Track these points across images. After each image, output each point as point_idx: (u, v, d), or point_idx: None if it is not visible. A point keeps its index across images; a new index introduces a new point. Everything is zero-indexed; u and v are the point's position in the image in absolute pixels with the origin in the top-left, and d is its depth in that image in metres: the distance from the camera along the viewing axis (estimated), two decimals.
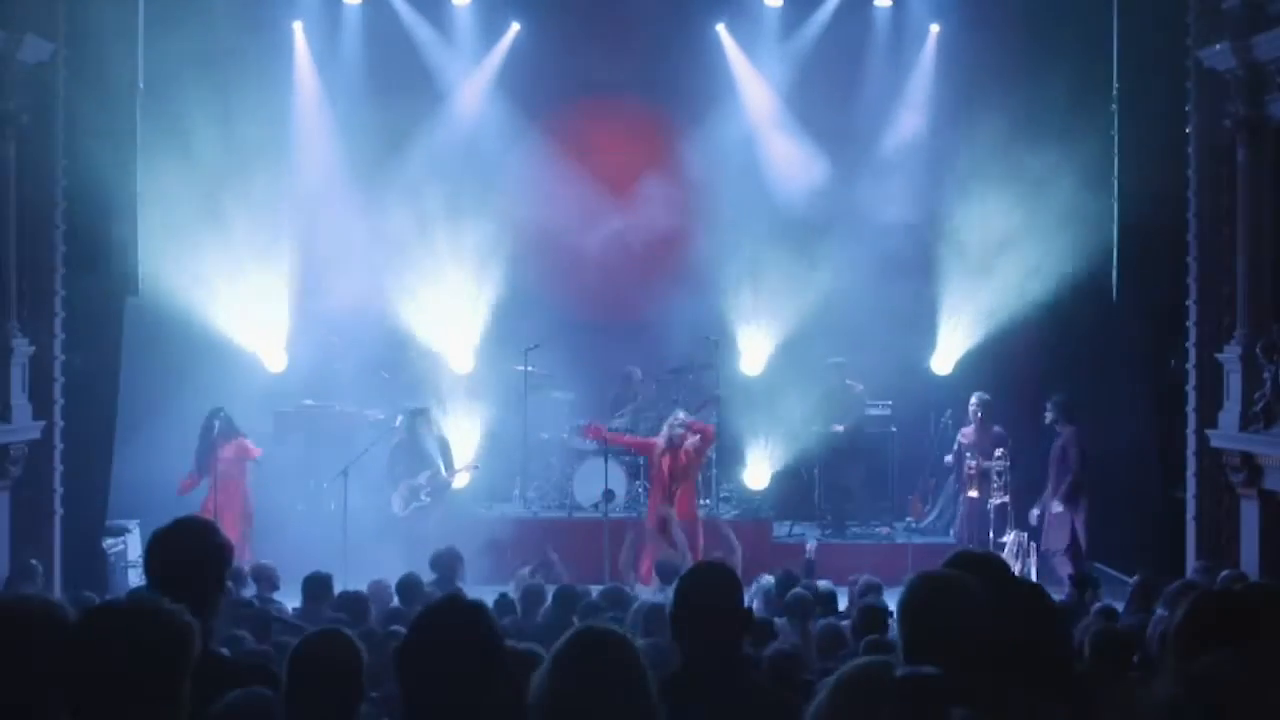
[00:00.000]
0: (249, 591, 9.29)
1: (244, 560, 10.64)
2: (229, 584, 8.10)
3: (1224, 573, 9.20)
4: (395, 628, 6.69)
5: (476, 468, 13.58)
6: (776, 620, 7.92)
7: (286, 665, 3.77)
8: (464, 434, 13.95)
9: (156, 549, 3.83)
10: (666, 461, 12.33)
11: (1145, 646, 6.61)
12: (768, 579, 9.46)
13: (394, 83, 14.65)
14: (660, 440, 12.46)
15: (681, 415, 12.56)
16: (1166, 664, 3.69)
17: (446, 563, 9.67)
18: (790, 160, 14.89)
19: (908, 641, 3.36)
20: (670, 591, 3.98)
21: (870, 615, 7.04)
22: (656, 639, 6.10)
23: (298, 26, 14.71)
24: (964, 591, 3.40)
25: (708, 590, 3.89)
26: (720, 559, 10.87)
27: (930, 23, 14.91)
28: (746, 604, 4.28)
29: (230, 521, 11.93)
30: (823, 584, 9.29)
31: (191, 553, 3.77)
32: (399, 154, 14.56)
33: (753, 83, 15.15)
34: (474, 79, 15.12)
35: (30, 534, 11.19)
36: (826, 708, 2.97)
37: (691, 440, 12.36)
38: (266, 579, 9.37)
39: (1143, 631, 7.17)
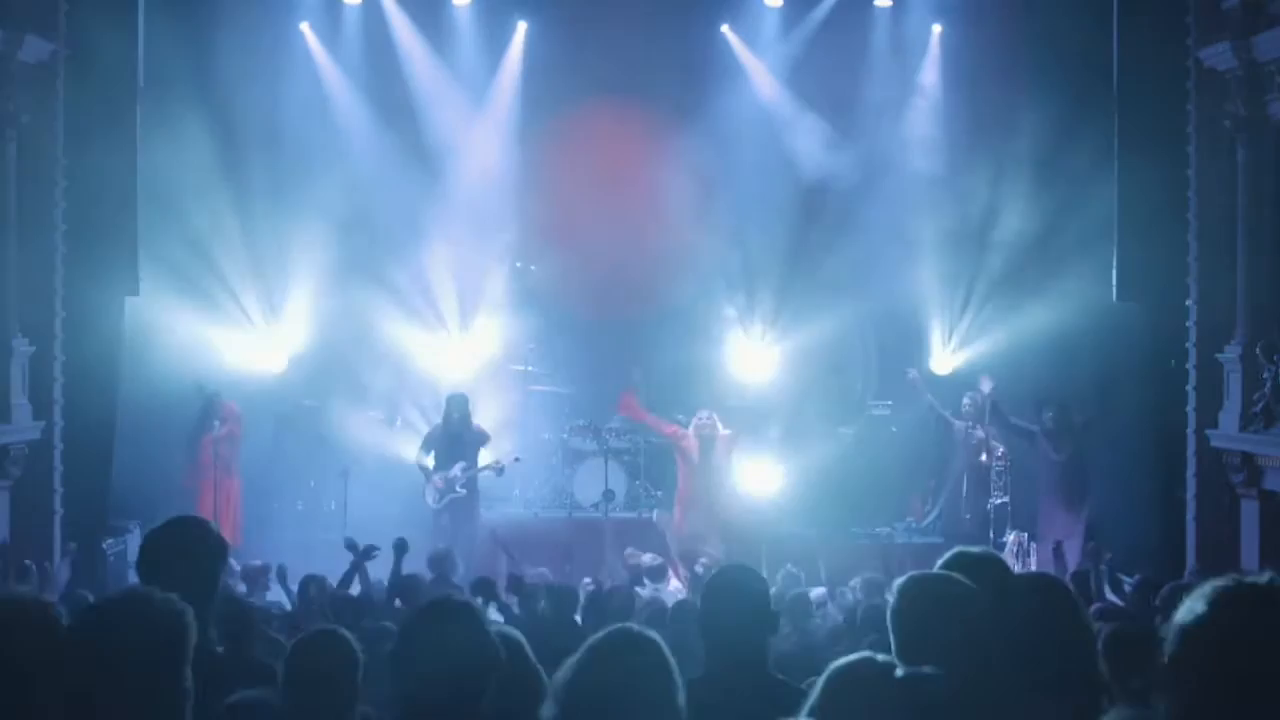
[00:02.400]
0: (240, 590, 9.26)
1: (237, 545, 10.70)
2: (227, 581, 8.15)
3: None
4: (387, 624, 6.68)
5: (518, 459, 13.19)
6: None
7: (283, 665, 3.76)
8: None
9: (150, 549, 3.81)
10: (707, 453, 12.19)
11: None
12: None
13: (394, 83, 14.64)
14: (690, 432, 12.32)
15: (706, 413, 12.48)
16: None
17: (442, 562, 9.66)
18: (792, 162, 14.88)
19: (901, 644, 3.36)
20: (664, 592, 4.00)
21: (872, 616, 7.04)
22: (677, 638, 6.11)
23: (305, 27, 14.68)
24: (957, 592, 3.40)
25: (735, 591, 3.91)
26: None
27: (930, 23, 14.89)
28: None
29: (233, 505, 11.98)
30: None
31: (186, 552, 3.76)
32: (401, 153, 14.54)
33: (756, 84, 15.15)
34: (476, 79, 15.10)
35: (30, 534, 11.19)
36: (820, 702, 2.98)
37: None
38: (257, 580, 9.35)
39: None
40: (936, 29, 14.86)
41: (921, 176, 14.49)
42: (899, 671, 3.05)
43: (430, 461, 12.46)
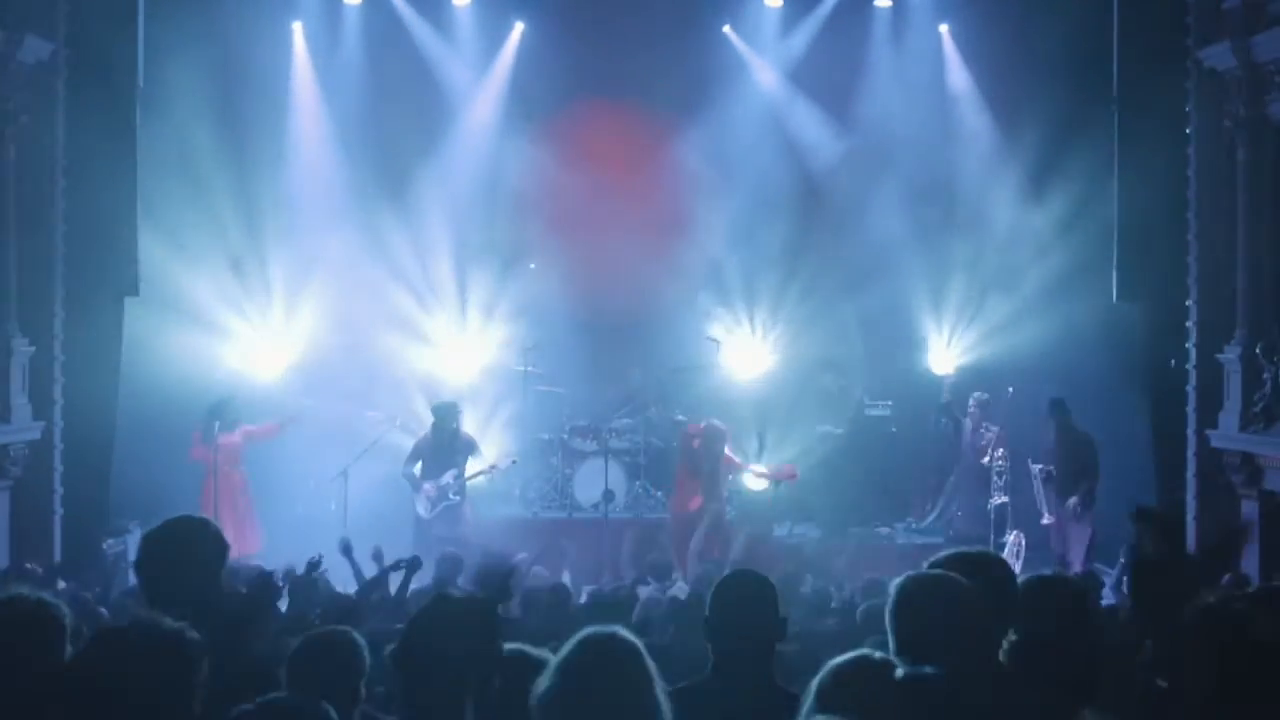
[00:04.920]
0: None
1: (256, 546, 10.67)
2: (239, 585, 8.10)
3: (1224, 578, 9.15)
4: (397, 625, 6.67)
5: (515, 462, 13.16)
6: None
7: (286, 664, 3.74)
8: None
9: (149, 550, 3.78)
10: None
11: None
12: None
13: (394, 83, 14.64)
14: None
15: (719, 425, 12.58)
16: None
17: (448, 566, 9.63)
18: (792, 163, 14.88)
19: (900, 643, 3.36)
20: (669, 589, 3.97)
21: (871, 617, 7.04)
22: (676, 639, 6.09)
23: (297, 27, 14.68)
24: (955, 591, 3.39)
25: (745, 597, 3.90)
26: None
27: (930, 23, 14.91)
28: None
29: (232, 508, 11.93)
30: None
31: (185, 553, 3.72)
32: (400, 153, 14.55)
33: (758, 84, 15.15)
34: (476, 80, 15.11)
35: (30, 534, 11.19)
36: (817, 700, 2.98)
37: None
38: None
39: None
40: (944, 29, 14.87)
41: (922, 176, 14.50)
42: (899, 671, 3.05)
43: (417, 471, 12.43)
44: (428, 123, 14.85)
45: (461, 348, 14.78)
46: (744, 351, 14.94)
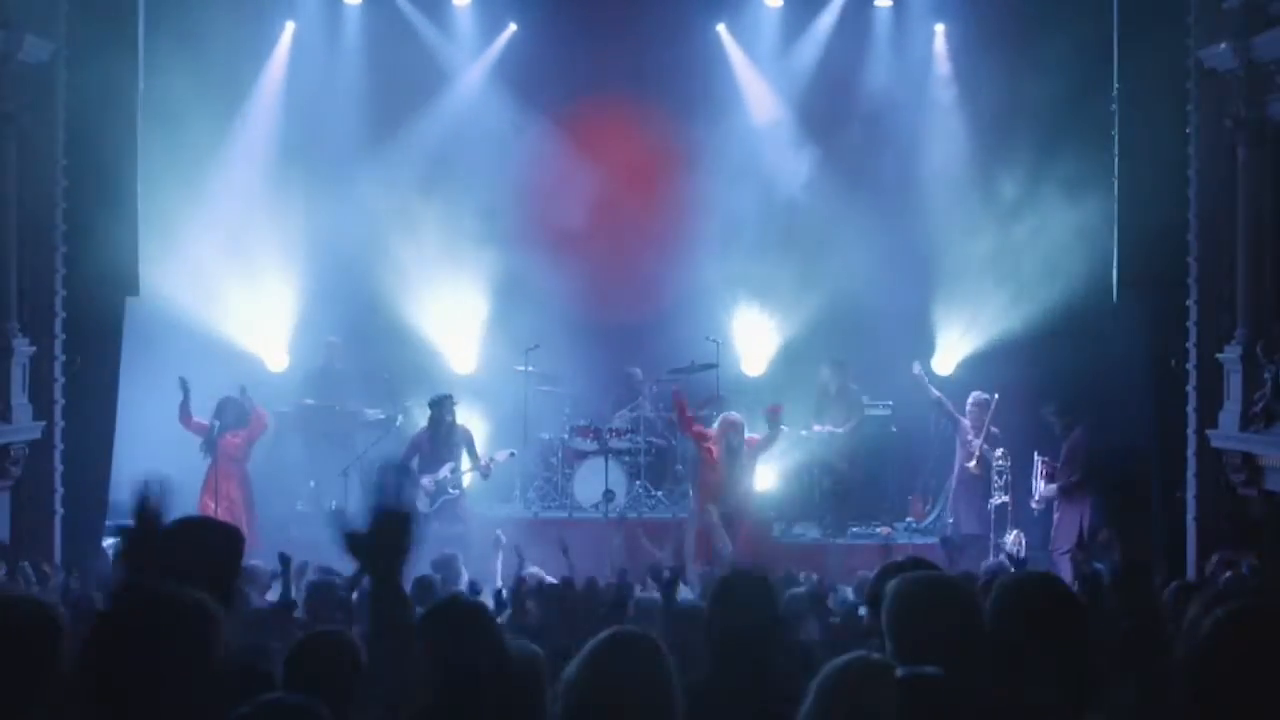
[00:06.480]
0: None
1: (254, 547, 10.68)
2: (246, 590, 8.07)
3: (1225, 574, 9.17)
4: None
5: (513, 454, 13.15)
6: None
7: (283, 665, 3.73)
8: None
9: (162, 548, 3.75)
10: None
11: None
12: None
13: (393, 83, 14.64)
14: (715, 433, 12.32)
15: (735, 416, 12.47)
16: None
17: (446, 565, 9.62)
18: (792, 160, 14.87)
19: (898, 644, 3.36)
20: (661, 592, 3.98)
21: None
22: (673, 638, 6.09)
23: (290, 26, 14.67)
24: (953, 592, 3.40)
25: (743, 598, 3.90)
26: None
27: (929, 22, 14.90)
28: None
29: (229, 510, 11.94)
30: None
31: (198, 552, 3.70)
32: (397, 155, 14.54)
33: (754, 82, 15.15)
34: (472, 79, 15.11)
35: (30, 534, 11.19)
36: (816, 703, 2.98)
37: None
38: (257, 580, 9.30)
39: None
40: (940, 29, 14.87)
41: (922, 175, 14.50)
42: (899, 671, 3.05)
43: (415, 465, 12.42)
44: (427, 124, 14.83)
45: (462, 347, 14.79)
46: (744, 351, 14.93)
